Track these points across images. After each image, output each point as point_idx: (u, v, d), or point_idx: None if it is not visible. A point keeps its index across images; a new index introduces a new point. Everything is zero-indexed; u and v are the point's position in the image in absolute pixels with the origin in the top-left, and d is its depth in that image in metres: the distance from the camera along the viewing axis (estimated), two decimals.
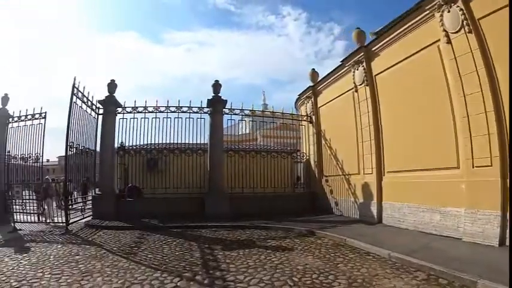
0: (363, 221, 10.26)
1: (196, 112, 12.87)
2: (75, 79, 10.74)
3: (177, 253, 6.97)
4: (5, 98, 13.45)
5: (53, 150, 59.91)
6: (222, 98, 13.01)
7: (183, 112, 12.67)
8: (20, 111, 12.93)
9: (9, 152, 12.93)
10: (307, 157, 14.83)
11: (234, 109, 13.32)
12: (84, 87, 11.29)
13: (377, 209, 10.00)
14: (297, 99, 16.29)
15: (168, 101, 12.56)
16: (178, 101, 12.61)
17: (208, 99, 12.93)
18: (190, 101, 12.77)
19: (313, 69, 15.02)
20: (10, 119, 13.21)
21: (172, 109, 12.58)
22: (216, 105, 12.95)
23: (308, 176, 14.79)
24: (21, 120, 12.90)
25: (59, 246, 7.85)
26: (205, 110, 12.98)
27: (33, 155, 12.35)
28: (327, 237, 8.28)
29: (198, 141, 13.05)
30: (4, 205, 12.76)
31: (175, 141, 12.72)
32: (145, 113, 12.47)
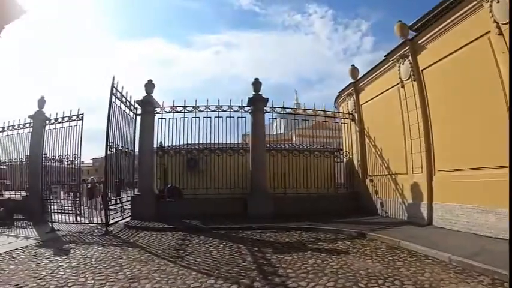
0: (412, 223, 9.70)
1: (237, 111, 12.35)
2: (113, 79, 10.42)
3: (226, 257, 6.46)
4: (41, 101, 13.44)
5: (85, 152, 59.70)
6: (262, 96, 12.45)
7: (223, 111, 12.20)
8: (57, 113, 12.82)
9: (46, 154, 12.86)
10: (350, 156, 14.12)
11: (275, 107, 12.69)
12: (122, 87, 10.96)
13: (427, 210, 9.44)
14: (337, 97, 15.54)
15: (207, 100, 12.18)
16: (218, 100, 12.20)
17: (249, 98, 12.40)
18: (230, 100, 12.35)
19: (353, 65, 14.26)
20: (47, 121, 13.12)
21: (212, 108, 12.11)
22: (257, 103, 12.40)
23: (350, 176, 14.06)
24: (58, 122, 12.77)
25: (100, 248, 7.42)
26: (246, 108, 12.44)
27: (71, 156, 12.27)
28: (379, 240, 7.84)
29: (238, 141, 12.71)
30: (42, 205, 12.64)
31: (216, 141, 12.24)
32: (184, 112, 12.02)
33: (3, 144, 14.37)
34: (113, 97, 10.46)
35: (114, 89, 10.48)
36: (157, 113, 12.17)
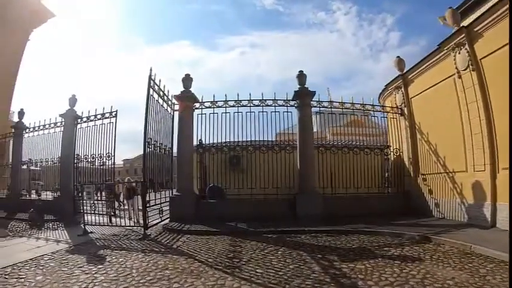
0: (474, 225, 8.56)
1: (282, 105, 10.95)
2: (151, 70, 9.20)
3: (290, 266, 5.36)
4: (73, 99, 12.49)
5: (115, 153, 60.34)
6: (309, 89, 11.02)
7: (267, 105, 10.82)
8: (89, 111, 11.79)
9: (78, 154, 11.83)
10: (399, 153, 12.52)
11: (322, 101, 11.24)
12: (160, 80, 9.84)
13: (491, 211, 8.30)
14: (383, 90, 13.84)
15: (250, 94, 10.84)
16: (262, 94, 10.85)
17: (295, 91, 11.00)
18: (274, 93, 11.01)
19: (399, 56, 12.71)
20: (78, 120, 12.12)
21: (256, 102, 10.72)
22: (304, 97, 10.97)
23: (399, 175, 12.47)
24: (90, 120, 11.69)
25: (140, 256, 6.14)
26: (292, 103, 11.05)
27: (104, 154, 11.16)
28: (447, 244, 6.77)
29: (279, 138, 11.51)
30: (73, 206, 11.54)
31: (259, 138, 10.89)
32: (226, 107, 10.70)
33: (34, 144, 13.51)
34: (151, 90, 9.26)
35: (151, 81, 9.29)
36: (197, 108, 10.91)
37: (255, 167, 10.72)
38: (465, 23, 9.53)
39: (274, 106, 11.05)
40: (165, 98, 10.51)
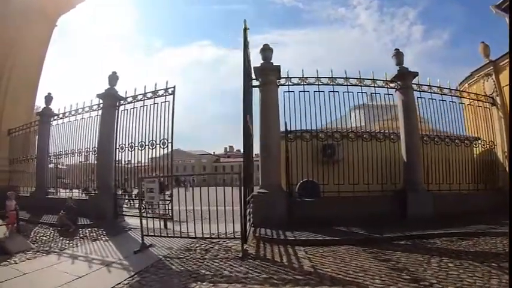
0: None
1: (382, 86, 7.90)
2: (245, 22, 6.15)
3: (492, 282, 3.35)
4: (113, 77, 8.94)
5: None
6: (409, 69, 7.99)
7: (365, 86, 7.72)
8: (136, 89, 8.40)
9: (121, 144, 8.48)
10: (489, 146, 9.70)
11: (422, 85, 8.17)
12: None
13: None
14: (468, 78, 11.01)
15: (345, 71, 7.67)
16: (359, 71, 7.78)
17: (398, 71, 7.93)
18: (372, 72, 7.90)
19: (483, 42, 10.30)
20: (121, 101, 8.82)
21: (353, 81, 7.61)
22: (406, 78, 7.96)
23: (491, 170, 9.74)
24: (138, 100, 8.29)
25: None
26: (391, 84, 8.00)
27: (158, 141, 7.86)
28: None
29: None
30: (114, 207, 8.18)
31: (353, 124, 8.05)
32: (318, 85, 7.47)
33: (62, 133, 10.10)
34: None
35: (246, 33, 6.22)
36: (281, 84, 7.57)
37: (352, 158, 7.42)
38: None
39: (374, 87, 7.92)
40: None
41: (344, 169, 7.43)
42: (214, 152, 77.12)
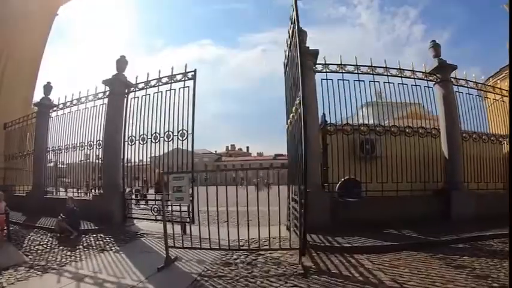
0: None
1: (421, 78, 6.78)
2: None
3: None
4: (122, 61, 7.46)
5: None
6: (447, 62, 6.97)
7: (405, 77, 6.62)
8: (148, 74, 6.96)
9: (131, 136, 7.12)
10: None
11: (459, 79, 7.10)
12: None
13: None
14: (495, 74, 10.39)
15: (385, 61, 6.59)
16: (398, 61, 6.75)
17: (438, 63, 6.93)
18: (412, 63, 6.87)
19: None
20: (131, 88, 7.47)
21: (393, 72, 6.52)
22: (445, 71, 6.94)
23: None
24: (151, 86, 6.89)
25: None
26: (431, 77, 6.89)
27: (175, 131, 6.55)
28: None
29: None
30: (123, 208, 6.82)
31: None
32: (358, 73, 6.31)
33: (62, 126, 8.53)
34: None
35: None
36: (318, 71, 6.30)
37: (391, 154, 6.26)
38: None
39: (414, 79, 6.81)
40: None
41: (384, 166, 6.26)
42: (216, 151, 75.39)
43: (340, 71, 6.30)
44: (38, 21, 13.96)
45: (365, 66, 6.42)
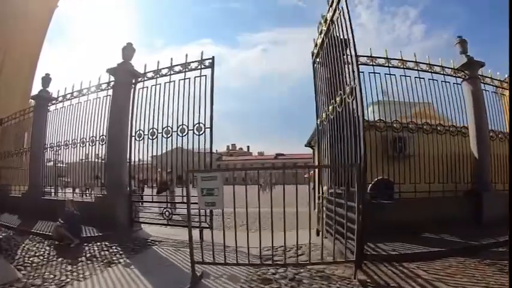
0: None
1: (449, 75, 6.12)
2: None
3: None
4: (128, 48, 6.54)
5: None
6: (473, 58, 6.39)
7: (434, 72, 5.96)
8: (158, 63, 6.10)
9: (138, 131, 6.30)
10: None
11: (486, 76, 6.53)
12: None
13: None
14: None
15: (415, 54, 5.92)
16: (428, 56, 6.10)
17: (467, 59, 6.32)
18: (440, 59, 6.19)
19: None
20: (139, 78, 6.50)
21: (423, 67, 5.86)
22: (473, 67, 6.36)
23: None
24: (162, 75, 6.02)
25: None
26: (459, 74, 6.26)
27: (191, 125, 5.68)
28: None
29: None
30: (130, 211, 5.97)
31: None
32: (389, 67, 5.54)
33: (61, 120, 7.59)
34: None
35: None
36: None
37: (423, 153, 5.59)
38: None
39: (443, 75, 6.14)
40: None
41: (416, 166, 5.59)
42: (217, 150, 74.26)
43: (371, 63, 5.57)
44: (37, 13, 13.00)
45: (395, 59, 5.72)
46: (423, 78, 5.87)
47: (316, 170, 7.59)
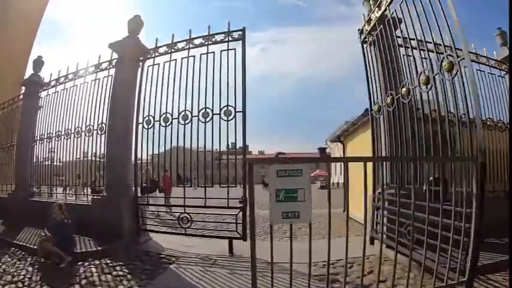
0: None
1: (494, 67, 5.21)
2: None
3: None
4: (136, 21, 5.07)
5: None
6: None
7: (480, 63, 5.09)
8: (173, 36, 4.75)
9: (147, 117, 4.88)
10: None
11: None
12: None
13: None
14: None
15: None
16: (473, 45, 5.15)
17: (510, 52, 5.08)
18: (485, 50, 5.31)
19: None
20: (149, 54, 5.01)
21: (472, 57, 4.83)
22: None
23: None
24: (177, 50, 4.67)
25: None
26: (503, 66, 5.20)
27: (218, 109, 4.31)
28: None
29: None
30: (136, 221, 4.59)
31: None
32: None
33: (54, 107, 6.11)
34: None
35: None
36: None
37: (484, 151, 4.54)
38: None
39: (489, 66, 5.24)
40: None
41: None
42: (217, 149, 72.65)
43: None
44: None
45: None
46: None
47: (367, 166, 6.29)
